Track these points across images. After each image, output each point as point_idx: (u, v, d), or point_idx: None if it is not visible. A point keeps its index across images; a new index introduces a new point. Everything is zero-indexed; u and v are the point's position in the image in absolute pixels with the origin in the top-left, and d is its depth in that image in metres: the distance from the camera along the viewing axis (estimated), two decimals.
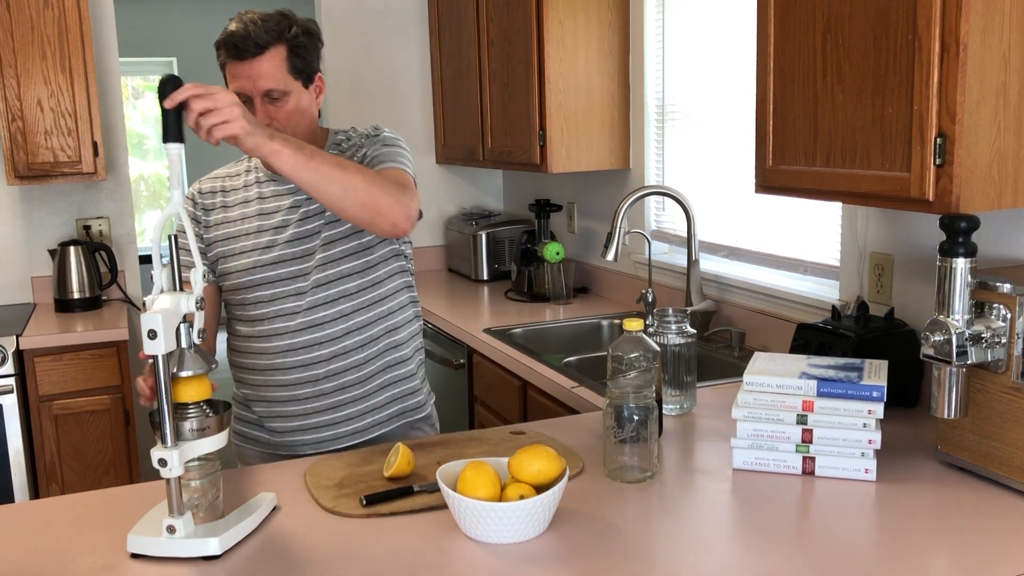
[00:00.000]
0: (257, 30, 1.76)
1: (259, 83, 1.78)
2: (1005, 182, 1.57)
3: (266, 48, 1.77)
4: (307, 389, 1.92)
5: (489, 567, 1.34)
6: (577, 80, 3.14)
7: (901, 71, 1.59)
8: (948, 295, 1.54)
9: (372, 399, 1.97)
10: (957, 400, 1.56)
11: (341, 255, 1.88)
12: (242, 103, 1.56)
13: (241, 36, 1.76)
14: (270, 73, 1.77)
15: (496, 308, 3.38)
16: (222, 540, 1.40)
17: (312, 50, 1.85)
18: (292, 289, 1.89)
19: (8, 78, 3.32)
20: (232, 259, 1.92)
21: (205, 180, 2.01)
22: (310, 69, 1.85)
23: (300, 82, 1.83)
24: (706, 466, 1.72)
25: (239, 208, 1.94)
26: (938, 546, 1.39)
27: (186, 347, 1.43)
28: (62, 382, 3.25)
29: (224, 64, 1.81)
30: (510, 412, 2.74)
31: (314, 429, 1.95)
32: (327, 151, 1.90)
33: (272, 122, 1.80)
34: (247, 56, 1.77)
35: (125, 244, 3.88)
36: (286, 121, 1.81)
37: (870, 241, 2.21)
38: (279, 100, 1.80)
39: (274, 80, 1.78)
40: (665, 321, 2.01)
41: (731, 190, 2.79)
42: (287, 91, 1.80)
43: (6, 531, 1.52)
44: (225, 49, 1.78)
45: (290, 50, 1.79)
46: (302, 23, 1.84)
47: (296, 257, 1.88)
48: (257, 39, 1.75)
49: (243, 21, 1.77)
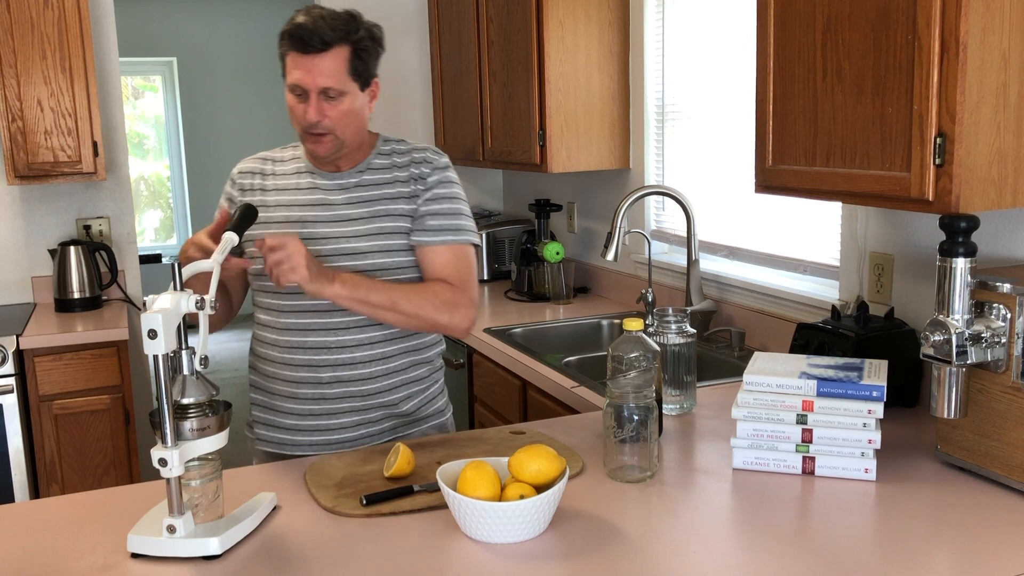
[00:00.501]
0: (325, 26, 1.76)
1: (318, 79, 1.78)
2: (1005, 182, 1.57)
3: (331, 46, 1.77)
4: (308, 390, 1.92)
5: (489, 567, 1.34)
6: (577, 80, 3.14)
7: (901, 71, 1.60)
8: (948, 295, 1.54)
9: (370, 413, 1.94)
10: (957, 400, 1.56)
11: (368, 269, 1.86)
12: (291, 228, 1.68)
13: (308, 30, 1.76)
14: (331, 71, 1.78)
15: (496, 308, 3.38)
16: (222, 540, 1.40)
17: (374, 55, 1.85)
18: (318, 304, 1.86)
19: (8, 78, 3.32)
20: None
21: (248, 160, 2.01)
22: (369, 73, 1.85)
23: (358, 84, 1.83)
24: (706, 466, 1.72)
25: (276, 195, 1.93)
26: (938, 546, 1.39)
27: (188, 374, 1.44)
28: (62, 382, 3.25)
29: (285, 54, 1.81)
30: (510, 412, 2.74)
31: (308, 431, 1.94)
32: (372, 160, 1.91)
33: (324, 119, 1.80)
34: (311, 51, 1.77)
35: (125, 244, 3.88)
36: (338, 120, 1.81)
37: (870, 241, 2.21)
38: (335, 99, 1.80)
39: (334, 79, 1.78)
40: (665, 321, 2.01)
41: (731, 190, 2.79)
42: (344, 91, 1.80)
43: (6, 531, 1.52)
44: (290, 40, 1.78)
45: (353, 52, 1.79)
46: (368, 26, 1.84)
47: (323, 256, 1.86)
48: (324, 35, 1.76)
49: (311, 15, 1.77)
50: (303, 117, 1.81)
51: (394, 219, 1.89)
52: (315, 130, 1.82)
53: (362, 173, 1.92)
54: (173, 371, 1.44)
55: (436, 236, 1.88)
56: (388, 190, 1.91)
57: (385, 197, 1.90)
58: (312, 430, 1.94)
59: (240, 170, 2.00)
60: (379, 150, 1.95)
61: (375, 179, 1.92)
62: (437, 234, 1.88)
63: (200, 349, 1.44)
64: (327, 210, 1.90)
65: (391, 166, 1.93)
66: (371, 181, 1.91)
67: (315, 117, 1.80)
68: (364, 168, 1.92)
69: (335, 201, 1.90)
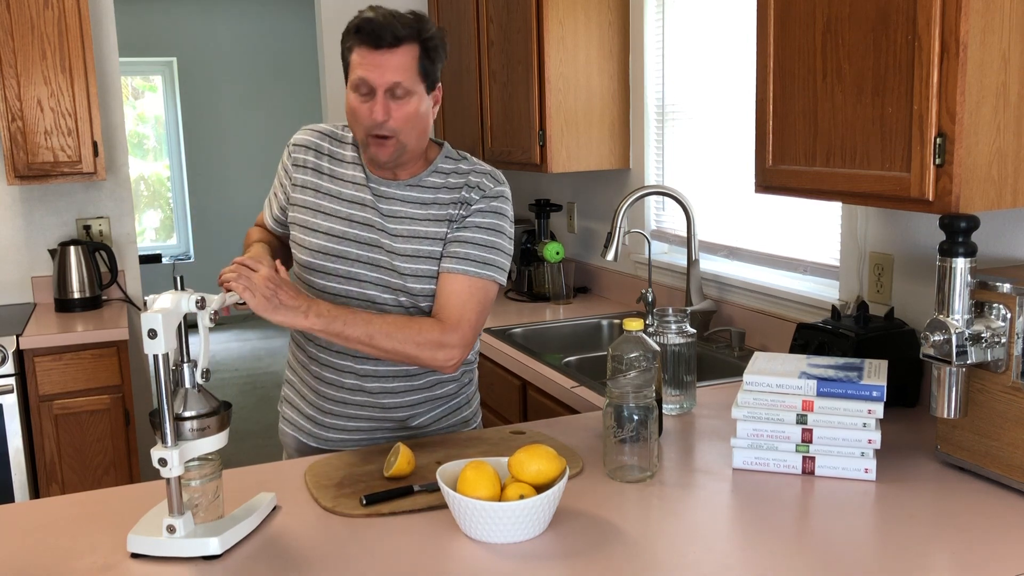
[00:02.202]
0: (396, 23, 1.71)
1: (388, 75, 1.71)
2: (1005, 182, 1.57)
3: (403, 42, 1.71)
4: (332, 391, 1.90)
5: (489, 567, 1.34)
6: (577, 80, 3.14)
7: (901, 71, 1.60)
8: (948, 295, 1.54)
9: (387, 423, 1.91)
10: (957, 400, 1.56)
11: (398, 287, 1.82)
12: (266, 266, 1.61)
13: (380, 24, 1.70)
14: (401, 67, 1.72)
15: (496, 308, 3.38)
16: (222, 540, 1.40)
17: (440, 58, 1.79)
18: (343, 290, 1.83)
19: (8, 78, 3.32)
20: (300, 230, 1.87)
21: (307, 131, 1.92)
22: (435, 75, 1.79)
23: (425, 85, 1.76)
24: (706, 466, 1.72)
25: (330, 181, 1.87)
26: (938, 546, 1.39)
27: (190, 387, 1.44)
28: (62, 382, 3.25)
29: (351, 48, 1.75)
30: (510, 412, 2.74)
31: (327, 428, 1.92)
32: (426, 176, 1.84)
33: (390, 119, 1.73)
34: (383, 45, 1.71)
35: (125, 244, 3.88)
36: (403, 122, 1.74)
37: (870, 241, 2.21)
38: (402, 98, 1.73)
39: (403, 75, 1.72)
40: (665, 321, 2.01)
41: (731, 190, 2.79)
42: (412, 91, 1.74)
43: (6, 531, 1.52)
44: (359, 35, 1.72)
45: (423, 51, 1.74)
46: (436, 30, 1.79)
47: (359, 261, 1.82)
48: (395, 31, 1.70)
49: (380, 12, 1.72)
50: (368, 116, 1.73)
51: (431, 243, 1.81)
52: (379, 131, 1.74)
53: (413, 188, 1.83)
54: (175, 384, 1.44)
55: (459, 264, 1.78)
56: (433, 210, 1.82)
57: (429, 218, 1.82)
58: (331, 427, 1.92)
59: (297, 143, 1.91)
60: (437, 167, 1.86)
61: (423, 197, 1.83)
62: (461, 262, 1.78)
63: (201, 362, 1.44)
64: (371, 215, 1.82)
65: (443, 186, 1.84)
66: (418, 198, 1.83)
67: (381, 116, 1.72)
68: (416, 183, 1.84)
69: (381, 209, 1.83)
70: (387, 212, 1.83)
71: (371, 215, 1.83)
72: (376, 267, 1.82)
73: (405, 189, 1.84)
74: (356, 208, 1.84)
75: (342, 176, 1.86)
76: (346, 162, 1.88)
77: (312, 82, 7.56)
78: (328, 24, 4.05)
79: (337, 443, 1.93)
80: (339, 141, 1.91)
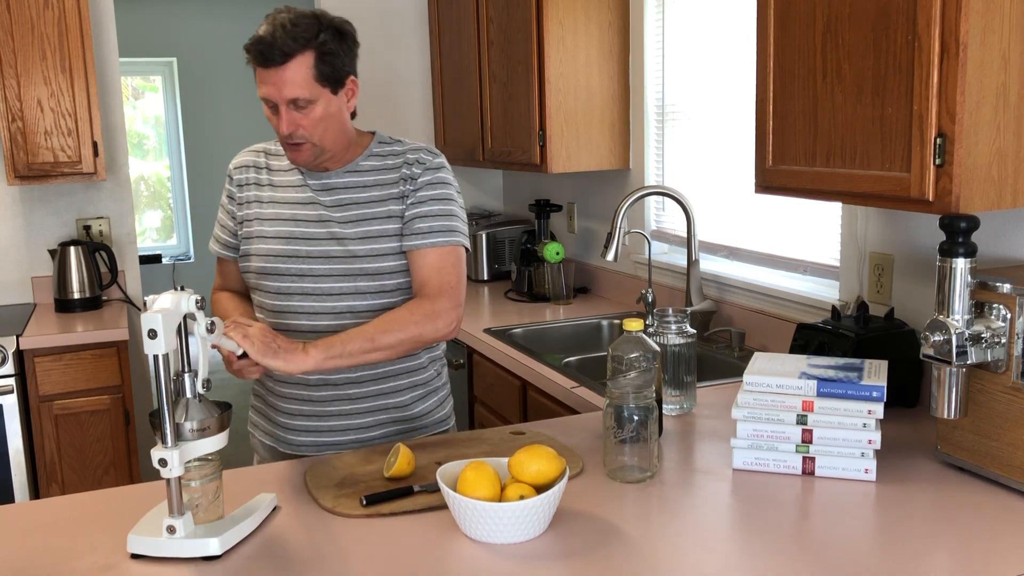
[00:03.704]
0: (284, 36, 1.71)
1: (284, 91, 1.74)
2: (1005, 182, 1.57)
3: (292, 56, 1.72)
4: (297, 391, 1.92)
5: (489, 567, 1.34)
6: (577, 80, 3.14)
7: (901, 71, 1.60)
8: (948, 295, 1.54)
9: (364, 418, 1.93)
10: (957, 400, 1.56)
11: (357, 272, 1.85)
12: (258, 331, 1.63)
13: (267, 43, 1.71)
14: (295, 81, 1.73)
15: (496, 308, 3.38)
16: (222, 540, 1.40)
17: (343, 54, 1.79)
18: (299, 288, 1.86)
19: (8, 78, 3.32)
20: (251, 242, 1.90)
21: (243, 153, 1.98)
22: (340, 74, 1.80)
23: (328, 88, 1.78)
24: (706, 466, 1.72)
25: (271, 191, 1.92)
26: (938, 546, 1.39)
27: (191, 397, 1.44)
28: (62, 382, 3.24)
29: (252, 67, 1.78)
30: (510, 412, 2.74)
31: (299, 431, 1.94)
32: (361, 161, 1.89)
33: (298, 129, 1.77)
34: (272, 64, 1.73)
35: (125, 244, 3.88)
36: (312, 128, 1.78)
37: (870, 241, 2.21)
38: (304, 108, 1.76)
39: (299, 88, 1.74)
40: (665, 321, 2.01)
41: (731, 190, 2.79)
42: (313, 99, 1.76)
43: (6, 531, 1.52)
44: (252, 55, 1.75)
45: (318, 57, 1.74)
46: (334, 25, 1.79)
47: (311, 256, 1.85)
48: (283, 47, 1.71)
49: (273, 24, 1.73)
50: (277, 128, 1.79)
51: (382, 221, 1.85)
52: (291, 140, 1.80)
53: (350, 174, 1.89)
54: (176, 395, 1.44)
55: (424, 239, 1.84)
56: (376, 192, 1.87)
57: (373, 199, 1.87)
58: (303, 430, 1.93)
59: (236, 165, 1.98)
60: (371, 151, 1.91)
61: (363, 180, 1.89)
62: (426, 236, 1.84)
63: (202, 372, 1.45)
64: (315, 209, 1.87)
65: (382, 167, 1.89)
66: (359, 183, 1.88)
67: (287, 129, 1.77)
68: (353, 168, 1.89)
69: (323, 201, 1.88)
70: (331, 203, 1.88)
71: (317, 210, 1.87)
72: (330, 259, 1.85)
73: (344, 176, 1.89)
74: (300, 208, 1.88)
75: (282, 183, 1.92)
76: (283, 169, 1.94)
77: None
78: None
79: (311, 447, 1.94)
80: (274, 153, 1.97)
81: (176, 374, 1.44)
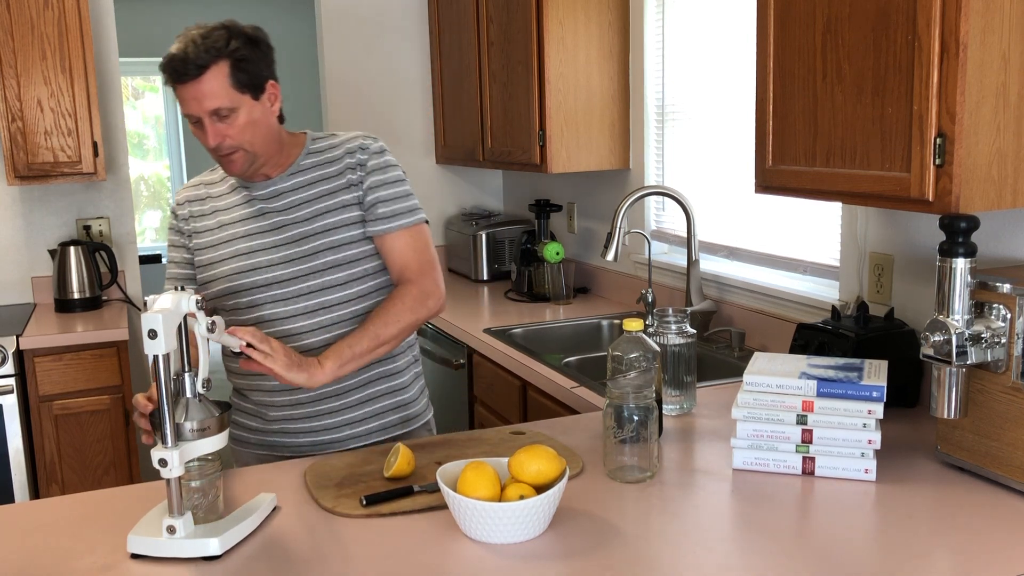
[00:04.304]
0: (196, 50, 1.73)
1: (204, 104, 1.75)
2: (1005, 182, 1.57)
3: (206, 68, 1.73)
4: (285, 397, 1.92)
5: (489, 567, 1.34)
6: (577, 80, 3.14)
7: (901, 71, 1.59)
8: (948, 295, 1.54)
9: (352, 412, 1.94)
10: (957, 400, 1.56)
11: (320, 268, 1.86)
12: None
13: (180, 59, 1.73)
14: (213, 92, 1.74)
15: (496, 308, 3.38)
16: (222, 540, 1.40)
17: (258, 60, 1.80)
18: (268, 296, 1.87)
19: (8, 78, 3.32)
20: (210, 268, 1.91)
21: (183, 189, 2.00)
22: (258, 80, 1.81)
23: (248, 95, 1.79)
24: (706, 466, 1.72)
25: (218, 216, 1.93)
26: (938, 546, 1.39)
27: (191, 396, 1.44)
28: (62, 382, 3.25)
29: (167, 84, 1.79)
30: (510, 412, 2.74)
31: (293, 434, 1.94)
32: (302, 160, 1.90)
33: (225, 139, 1.78)
34: (188, 79, 1.74)
35: (125, 244, 3.88)
36: (239, 136, 1.79)
37: (870, 241, 2.21)
38: (227, 117, 1.77)
39: (218, 99, 1.75)
40: (665, 321, 2.01)
41: (731, 190, 2.79)
42: (234, 107, 1.77)
43: (6, 531, 1.52)
44: (166, 73, 1.76)
45: (233, 65, 1.76)
46: (246, 34, 1.80)
47: (273, 264, 1.86)
48: (196, 60, 1.73)
49: (184, 41, 1.75)
50: (205, 143, 1.80)
51: (337, 212, 1.87)
52: (221, 152, 1.80)
53: (294, 176, 1.90)
54: (176, 394, 1.44)
55: (391, 223, 1.87)
56: (326, 185, 1.89)
57: (324, 193, 1.88)
58: (296, 433, 1.94)
59: (177, 202, 1.99)
60: (309, 148, 1.92)
61: (309, 178, 1.90)
62: (391, 220, 1.87)
63: (202, 372, 1.45)
64: (268, 218, 1.88)
65: (324, 161, 1.91)
66: (305, 181, 1.89)
67: (214, 140, 1.78)
68: (296, 170, 1.90)
69: (274, 208, 1.89)
70: (284, 207, 1.89)
71: (271, 218, 1.89)
72: (292, 261, 1.86)
73: (288, 179, 1.90)
74: (252, 222, 1.90)
75: (227, 205, 1.94)
76: (225, 193, 1.95)
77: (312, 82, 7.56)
78: (328, 24, 4.05)
79: (280, 448, 1.95)
80: (212, 182, 1.99)
81: (176, 374, 1.44)
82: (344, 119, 4.10)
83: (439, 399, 3.38)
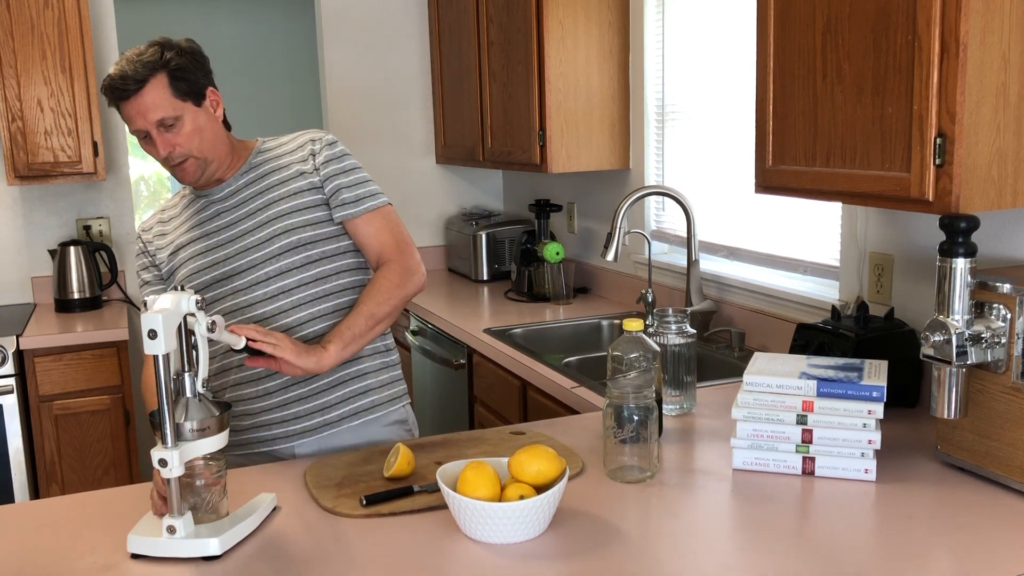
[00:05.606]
0: (133, 67, 1.78)
1: (149, 116, 1.80)
2: (1005, 182, 1.57)
3: (145, 82, 1.78)
4: (253, 388, 1.92)
5: (489, 567, 1.34)
6: (577, 80, 3.14)
7: (901, 71, 1.60)
8: (948, 295, 1.54)
9: (324, 396, 1.92)
10: (957, 400, 1.56)
11: (282, 250, 1.88)
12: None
13: (119, 78, 1.78)
14: (155, 104, 1.79)
15: (496, 308, 3.38)
16: (222, 540, 1.40)
17: (195, 69, 1.86)
18: (229, 289, 1.88)
19: (8, 78, 3.32)
20: (172, 276, 1.95)
21: (147, 221, 2.05)
22: (197, 87, 1.86)
23: (190, 103, 1.84)
24: (706, 466, 1.72)
25: (178, 230, 1.97)
26: (938, 546, 1.39)
27: (191, 396, 1.44)
28: (62, 382, 3.25)
29: (111, 106, 1.84)
30: (510, 412, 2.74)
31: (266, 426, 1.93)
32: (253, 159, 1.95)
33: (175, 147, 1.82)
34: (129, 94, 1.79)
35: (125, 244, 3.88)
36: (187, 143, 1.83)
37: (870, 241, 2.21)
38: (174, 126, 1.82)
39: (161, 109, 1.80)
40: (665, 321, 2.01)
41: (731, 190, 2.79)
42: (178, 115, 1.82)
43: (6, 531, 1.52)
44: (108, 94, 1.81)
45: (170, 75, 1.81)
46: (180, 46, 1.86)
47: (229, 258, 1.89)
48: (135, 76, 1.78)
49: (121, 63, 1.80)
50: (158, 155, 1.83)
51: (288, 199, 1.90)
52: (172, 161, 1.84)
53: (246, 173, 1.94)
54: (176, 394, 1.44)
55: (357, 206, 1.91)
56: (277, 176, 1.92)
57: (276, 183, 1.92)
58: (269, 424, 1.92)
59: (143, 228, 2.03)
60: (259, 149, 1.98)
61: (260, 172, 1.94)
62: (357, 204, 1.91)
63: (201, 371, 1.45)
64: (223, 217, 1.92)
65: (275, 157, 1.96)
66: (256, 176, 1.94)
67: (164, 150, 1.82)
68: (247, 168, 1.95)
69: (228, 207, 1.93)
70: (235, 204, 1.93)
71: (223, 219, 1.92)
72: (248, 250, 1.89)
73: (242, 177, 1.95)
74: (209, 223, 1.94)
75: (185, 218, 1.99)
76: (184, 208, 2.00)
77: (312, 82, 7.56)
78: (328, 24, 4.05)
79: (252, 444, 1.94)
80: (169, 207, 2.04)
81: (176, 374, 1.44)
82: (344, 120, 4.10)
83: (439, 399, 3.38)
